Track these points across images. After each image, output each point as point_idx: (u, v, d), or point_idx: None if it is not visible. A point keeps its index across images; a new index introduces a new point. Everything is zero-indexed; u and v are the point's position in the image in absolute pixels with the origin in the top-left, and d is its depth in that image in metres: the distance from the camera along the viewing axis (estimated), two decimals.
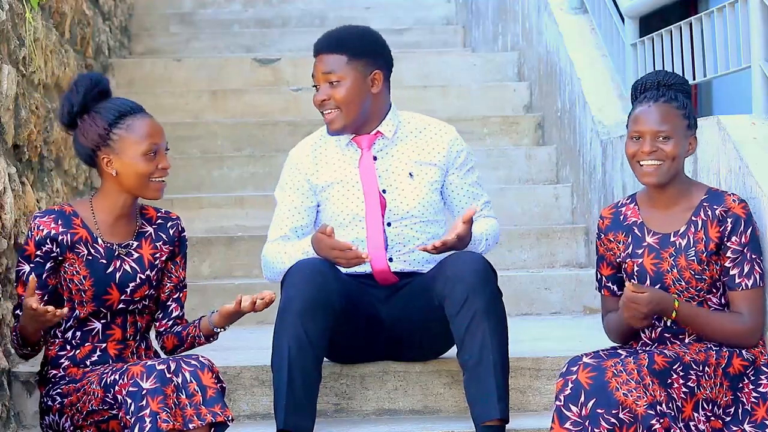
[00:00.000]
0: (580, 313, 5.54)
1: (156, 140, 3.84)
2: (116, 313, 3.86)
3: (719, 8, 4.46)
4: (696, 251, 3.75)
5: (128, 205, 3.86)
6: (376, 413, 4.27)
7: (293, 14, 9.05)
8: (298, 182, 4.22)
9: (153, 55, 8.26)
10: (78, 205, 3.88)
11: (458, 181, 4.23)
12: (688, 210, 3.80)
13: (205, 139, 6.90)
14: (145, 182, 3.82)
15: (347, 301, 3.99)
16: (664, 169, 3.75)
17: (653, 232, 3.83)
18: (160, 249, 3.91)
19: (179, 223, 3.99)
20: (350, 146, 4.20)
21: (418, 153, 4.21)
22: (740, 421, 3.64)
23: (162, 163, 3.83)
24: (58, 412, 3.78)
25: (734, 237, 3.73)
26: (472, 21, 8.61)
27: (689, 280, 3.75)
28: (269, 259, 4.18)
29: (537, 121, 6.95)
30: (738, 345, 3.71)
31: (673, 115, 3.76)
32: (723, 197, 3.77)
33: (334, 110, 4.13)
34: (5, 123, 4.32)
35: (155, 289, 3.91)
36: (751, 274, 3.72)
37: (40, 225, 3.80)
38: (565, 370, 3.56)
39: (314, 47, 4.22)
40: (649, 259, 3.80)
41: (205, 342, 3.94)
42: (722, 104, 8.36)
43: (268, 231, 4.26)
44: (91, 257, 3.83)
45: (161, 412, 3.50)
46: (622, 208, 3.91)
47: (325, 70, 4.15)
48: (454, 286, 3.89)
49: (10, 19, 4.44)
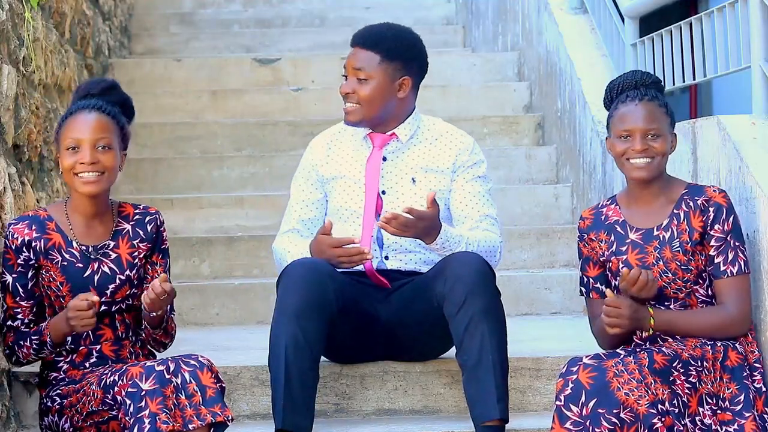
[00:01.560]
0: (580, 313, 5.54)
1: (76, 134, 3.76)
2: (102, 315, 3.84)
3: (719, 8, 4.46)
4: (681, 242, 3.79)
5: (93, 203, 3.82)
6: (376, 413, 4.27)
7: (293, 14, 9.04)
8: (308, 173, 4.25)
9: (153, 55, 8.26)
10: (53, 209, 3.87)
11: (463, 185, 4.20)
12: (669, 204, 3.84)
13: (205, 139, 6.90)
14: (70, 177, 3.78)
15: (345, 301, 3.99)
16: (654, 165, 3.81)
17: (636, 229, 3.86)
18: (138, 247, 3.88)
19: (158, 217, 3.94)
20: (365, 142, 4.22)
21: (427, 160, 4.21)
22: (752, 406, 3.66)
23: (82, 158, 3.74)
24: (58, 413, 3.78)
25: (717, 225, 3.77)
26: (472, 21, 8.61)
27: (675, 271, 3.78)
28: (277, 252, 4.21)
29: (537, 121, 6.95)
30: (728, 336, 3.74)
31: (658, 113, 3.83)
32: (703, 189, 3.82)
33: (355, 104, 4.15)
34: (5, 123, 4.32)
35: (137, 287, 3.89)
36: (736, 261, 3.76)
37: (14, 233, 3.79)
38: (566, 370, 3.57)
39: (352, 37, 4.23)
40: (633, 254, 3.84)
41: (155, 330, 3.85)
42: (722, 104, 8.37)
43: (282, 221, 4.28)
44: (66, 263, 3.81)
45: (160, 413, 3.49)
46: (603, 209, 3.95)
47: (356, 66, 4.16)
48: (453, 287, 3.89)
49: (10, 19, 4.43)
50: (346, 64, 4.20)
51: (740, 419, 3.64)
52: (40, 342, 3.77)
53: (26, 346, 3.80)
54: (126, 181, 6.39)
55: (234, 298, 5.55)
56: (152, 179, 6.55)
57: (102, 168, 3.75)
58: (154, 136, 6.89)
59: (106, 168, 3.76)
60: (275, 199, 6.08)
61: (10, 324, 3.82)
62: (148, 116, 7.03)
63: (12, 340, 3.83)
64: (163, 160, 6.65)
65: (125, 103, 3.91)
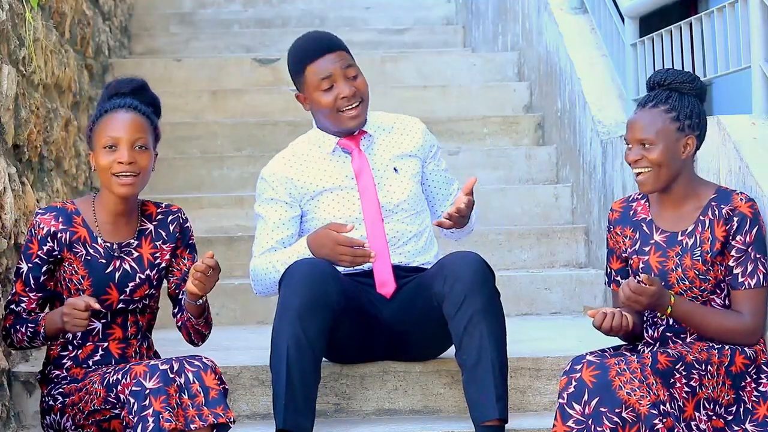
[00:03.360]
0: (580, 313, 5.54)
1: (114, 133, 3.77)
2: (116, 313, 3.86)
3: (719, 8, 4.46)
4: (702, 251, 3.74)
5: (123, 203, 3.84)
6: (376, 413, 4.27)
7: (293, 14, 9.04)
8: (278, 195, 4.19)
9: (153, 55, 8.26)
10: (81, 204, 3.89)
11: (434, 169, 4.31)
12: (696, 209, 3.78)
13: (205, 139, 6.90)
14: (107, 176, 3.78)
15: (346, 301, 3.99)
16: (653, 177, 3.73)
17: (661, 230, 3.82)
18: (160, 249, 3.90)
19: (180, 215, 3.96)
20: (336, 152, 4.22)
21: (396, 147, 4.25)
22: (742, 420, 3.64)
23: (120, 158, 3.76)
24: (60, 412, 3.78)
25: (739, 236, 3.72)
26: (472, 21, 8.61)
27: (693, 280, 3.75)
28: (259, 272, 4.16)
29: (537, 121, 6.95)
30: (737, 344, 3.71)
31: (658, 121, 3.73)
32: (731, 196, 3.75)
33: (360, 105, 4.17)
34: (5, 123, 4.32)
35: (156, 288, 3.91)
36: (755, 274, 3.72)
37: (41, 223, 3.81)
38: (569, 368, 3.56)
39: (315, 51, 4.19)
40: (655, 257, 3.80)
41: (199, 320, 3.87)
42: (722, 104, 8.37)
43: (253, 247, 4.24)
44: (90, 257, 3.82)
45: (164, 411, 3.50)
46: (633, 203, 3.91)
47: (344, 65, 4.17)
48: (452, 287, 3.89)
49: (10, 19, 4.44)
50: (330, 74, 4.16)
51: (729, 430, 3.63)
52: (35, 331, 3.78)
53: (21, 332, 3.81)
54: None
55: (234, 298, 5.56)
56: (152, 179, 6.45)
57: (138, 168, 3.77)
58: None
59: (142, 168, 3.78)
60: None
61: (12, 308, 3.84)
62: None
63: (10, 323, 3.85)
64: (163, 160, 6.64)
65: (154, 103, 3.93)
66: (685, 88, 3.78)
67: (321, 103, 4.17)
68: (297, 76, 4.21)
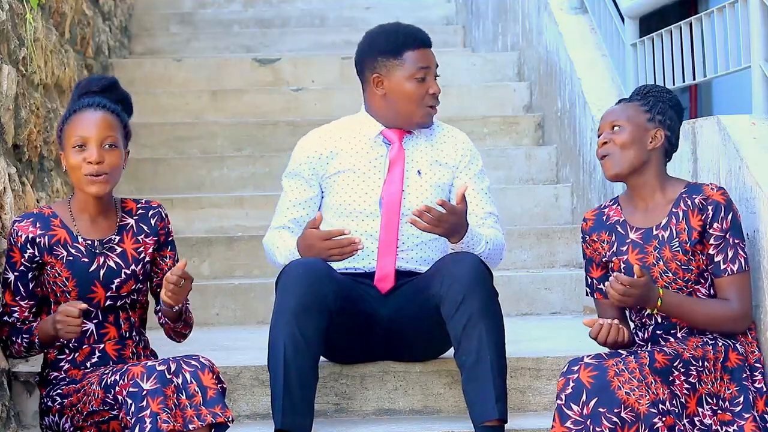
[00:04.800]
0: (580, 313, 5.54)
1: (82, 132, 3.76)
2: (106, 311, 3.85)
3: (719, 8, 4.46)
4: (680, 242, 3.79)
5: (98, 201, 3.83)
6: (376, 413, 4.27)
7: (293, 14, 9.05)
8: (301, 170, 4.22)
9: (153, 55, 8.26)
10: (57, 207, 3.88)
11: (466, 181, 4.21)
12: (668, 203, 3.85)
13: (205, 139, 6.90)
14: (77, 175, 3.77)
15: (343, 301, 3.99)
16: (616, 159, 3.83)
17: (636, 228, 3.87)
18: (143, 242, 3.89)
19: (161, 210, 3.95)
20: (377, 139, 4.22)
21: (430, 153, 4.23)
22: (752, 407, 3.66)
23: (89, 157, 3.74)
24: (58, 413, 3.78)
25: (716, 223, 3.77)
26: (472, 21, 8.61)
27: (676, 271, 3.79)
28: (267, 247, 4.23)
29: (537, 121, 6.95)
30: (728, 331, 3.75)
31: (630, 109, 3.87)
32: (701, 187, 3.82)
33: (436, 106, 4.19)
34: (5, 123, 4.32)
35: (142, 283, 3.89)
36: (736, 259, 3.76)
37: (19, 230, 3.80)
38: (566, 370, 3.57)
39: (420, 40, 4.19)
40: (633, 254, 3.84)
41: (177, 323, 3.86)
42: (722, 104, 8.37)
43: (273, 216, 4.28)
44: (72, 257, 3.81)
45: (161, 412, 3.49)
46: (605, 209, 3.97)
47: (436, 65, 4.19)
48: (450, 287, 3.89)
49: (10, 19, 4.44)
50: (429, 65, 4.16)
51: (740, 420, 3.65)
52: (30, 341, 3.80)
53: (17, 343, 3.82)
54: (126, 181, 6.39)
55: (234, 298, 5.55)
56: (152, 179, 6.55)
57: (108, 167, 3.76)
58: (154, 136, 6.89)
59: (112, 166, 3.77)
60: (275, 199, 6.02)
61: (5, 319, 3.84)
62: (147, 116, 7.04)
63: (6, 335, 3.85)
64: (163, 160, 6.66)
65: (125, 101, 3.92)
66: (663, 98, 3.90)
67: (408, 91, 4.15)
68: (386, 57, 4.17)
